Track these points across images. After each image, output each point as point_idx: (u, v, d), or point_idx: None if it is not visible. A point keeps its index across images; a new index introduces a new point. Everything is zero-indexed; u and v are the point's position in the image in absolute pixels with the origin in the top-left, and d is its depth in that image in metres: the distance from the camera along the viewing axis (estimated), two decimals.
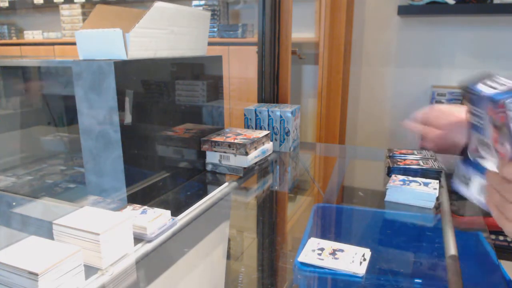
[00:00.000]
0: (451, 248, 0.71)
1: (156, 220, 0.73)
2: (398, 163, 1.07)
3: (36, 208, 0.88)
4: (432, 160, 1.09)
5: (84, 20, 2.96)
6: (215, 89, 1.14)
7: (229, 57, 2.28)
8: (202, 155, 1.09)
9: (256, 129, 1.31)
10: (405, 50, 2.30)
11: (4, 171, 1.07)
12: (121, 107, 0.78)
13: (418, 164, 1.06)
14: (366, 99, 2.46)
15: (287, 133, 1.29)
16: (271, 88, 1.49)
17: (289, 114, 1.27)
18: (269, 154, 1.20)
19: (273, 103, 1.51)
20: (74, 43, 0.83)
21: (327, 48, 2.06)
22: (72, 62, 0.80)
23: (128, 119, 0.80)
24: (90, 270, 0.61)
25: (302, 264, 0.66)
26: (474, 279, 0.63)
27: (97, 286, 0.59)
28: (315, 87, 2.30)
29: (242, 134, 1.13)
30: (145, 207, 0.78)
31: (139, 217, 0.73)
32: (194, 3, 2.63)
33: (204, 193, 0.95)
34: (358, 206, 0.95)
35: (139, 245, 0.70)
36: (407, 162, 1.07)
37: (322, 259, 0.66)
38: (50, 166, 1.12)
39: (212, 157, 1.08)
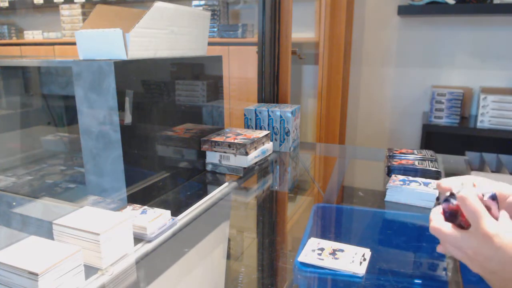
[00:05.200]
0: None
1: (156, 220, 0.73)
2: (398, 163, 1.07)
3: (36, 208, 0.88)
4: (432, 160, 1.09)
5: (84, 20, 2.96)
6: (215, 89, 1.14)
7: (229, 57, 2.28)
8: (202, 155, 1.09)
9: (256, 129, 1.31)
10: (405, 50, 2.30)
11: (4, 171, 1.07)
12: (121, 107, 0.78)
13: (418, 164, 1.06)
14: (366, 99, 2.46)
15: (287, 133, 1.29)
16: (271, 88, 1.49)
17: (289, 114, 1.27)
18: (269, 154, 1.20)
19: (273, 103, 1.51)
20: (74, 43, 0.83)
21: (327, 48, 2.05)
22: (72, 62, 0.80)
23: (128, 119, 0.80)
24: (90, 270, 0.61)
25: (302, 264, 0.66)
26: (474, 279, 0.63)
27: (97, 286, 0.59)
28: (315, 87, 2.30)
29: (242, 134, 1.13)
30: (145, 207, 0.78)
31: (139, 217, 0.73)
32: (194, 3, 2.63)
33: (204, 193, 0.95)
34: (358, 206, 0.95)
35: (139, 245, 0.70)
36: (407, 162, 1.07)
37: (322, 259, 0.66)
38: (50, 166, 1.11)
39: (212, 157, 1.08)
